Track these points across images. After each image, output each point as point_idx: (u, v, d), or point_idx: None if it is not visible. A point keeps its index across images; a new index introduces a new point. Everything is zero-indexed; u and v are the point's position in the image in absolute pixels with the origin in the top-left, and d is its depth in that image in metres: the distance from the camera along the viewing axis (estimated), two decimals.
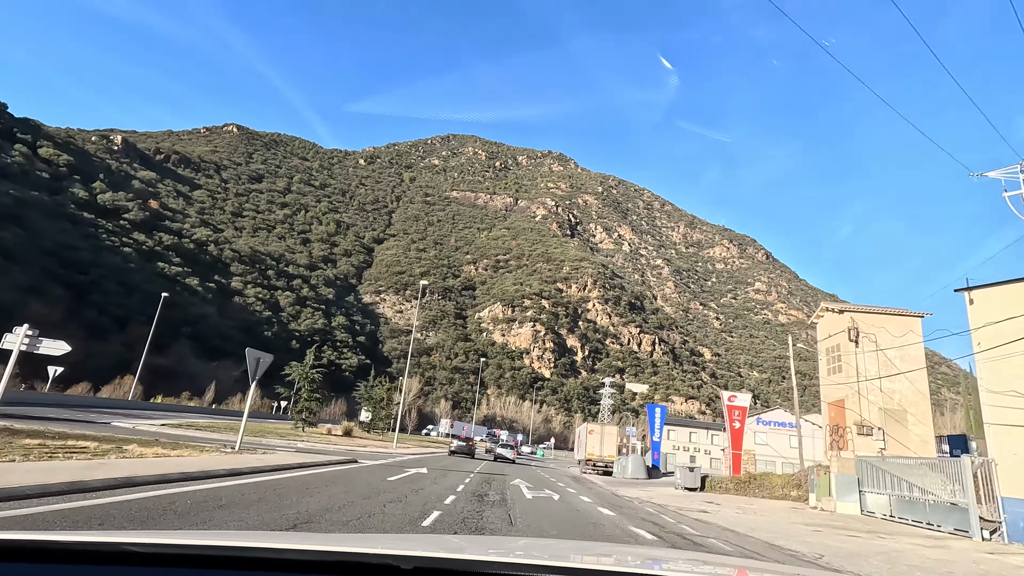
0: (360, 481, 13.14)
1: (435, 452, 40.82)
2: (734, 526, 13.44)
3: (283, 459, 15.17)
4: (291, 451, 20.00)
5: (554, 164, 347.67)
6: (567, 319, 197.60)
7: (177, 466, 10.97)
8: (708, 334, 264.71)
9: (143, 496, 7.80)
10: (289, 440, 26.88)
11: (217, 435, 23.92)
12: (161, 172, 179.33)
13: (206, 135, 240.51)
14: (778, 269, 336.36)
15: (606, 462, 37.86)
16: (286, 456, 16.53)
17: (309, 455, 18.53)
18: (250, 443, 20.91)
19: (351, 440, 36.25)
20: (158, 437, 19.15)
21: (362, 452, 25.26)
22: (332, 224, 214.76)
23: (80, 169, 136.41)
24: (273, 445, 21.92)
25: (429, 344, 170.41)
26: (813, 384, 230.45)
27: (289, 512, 7.90)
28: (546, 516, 11.56)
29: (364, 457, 22.28)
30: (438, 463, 24.81)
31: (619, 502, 18.24)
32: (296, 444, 24.46)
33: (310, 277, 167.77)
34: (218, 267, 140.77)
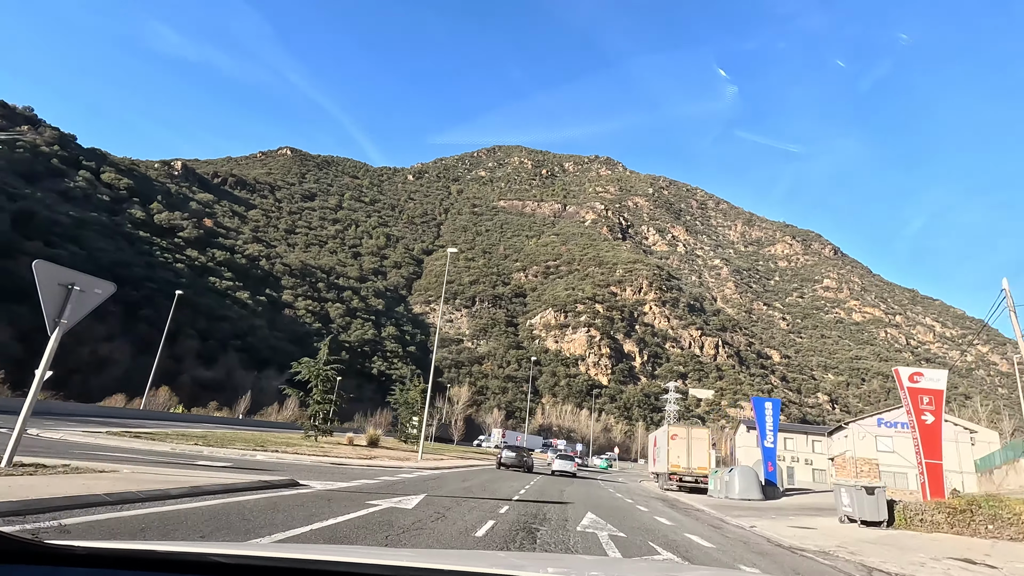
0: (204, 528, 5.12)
1: (475, 465, 32.41)
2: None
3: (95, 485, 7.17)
4: (182, 467, 12.07)
5: (602, 168, 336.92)
6: (623, 323, 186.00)
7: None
8: (775, 335, 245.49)
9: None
10: (268, 451, 19.12)
11: (142, 444, 16.39)
12: (218, 194, 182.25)
13: (262, 159, 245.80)
14: (848, 265, 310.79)
15: (696, 476, 28.32)
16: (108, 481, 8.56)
17: (211, 473, 10.52)
18: (163, 458, 13.15)
19: (370, 452, 28.35)
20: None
21: (349, 468, 17.16)
22: (382, 237, 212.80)
23: (140, 192, 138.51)
24: (177, 458, 14.11)
25: (480, 353, 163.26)
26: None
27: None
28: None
29: (346, 476, 14.20)
30: (461, 483, 16.44)
31: (779, 556, 9.36)
32: (256, 456, 16.60)
33: (360, 289, 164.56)
34: (269, 281, 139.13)
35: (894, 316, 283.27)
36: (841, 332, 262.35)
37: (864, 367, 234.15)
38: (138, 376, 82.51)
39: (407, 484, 14.17)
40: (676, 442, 29.13)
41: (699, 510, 19.37)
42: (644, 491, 29.12)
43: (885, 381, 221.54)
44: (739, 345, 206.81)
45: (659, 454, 32.68)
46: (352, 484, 12.36)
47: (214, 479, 9.45)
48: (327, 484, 11.74)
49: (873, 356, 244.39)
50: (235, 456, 15.85)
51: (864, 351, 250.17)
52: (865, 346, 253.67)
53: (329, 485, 11.62)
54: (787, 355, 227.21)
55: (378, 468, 19.28)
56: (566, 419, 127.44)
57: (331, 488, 11.13)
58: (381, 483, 13.47)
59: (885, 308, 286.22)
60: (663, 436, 31.10)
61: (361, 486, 12.18)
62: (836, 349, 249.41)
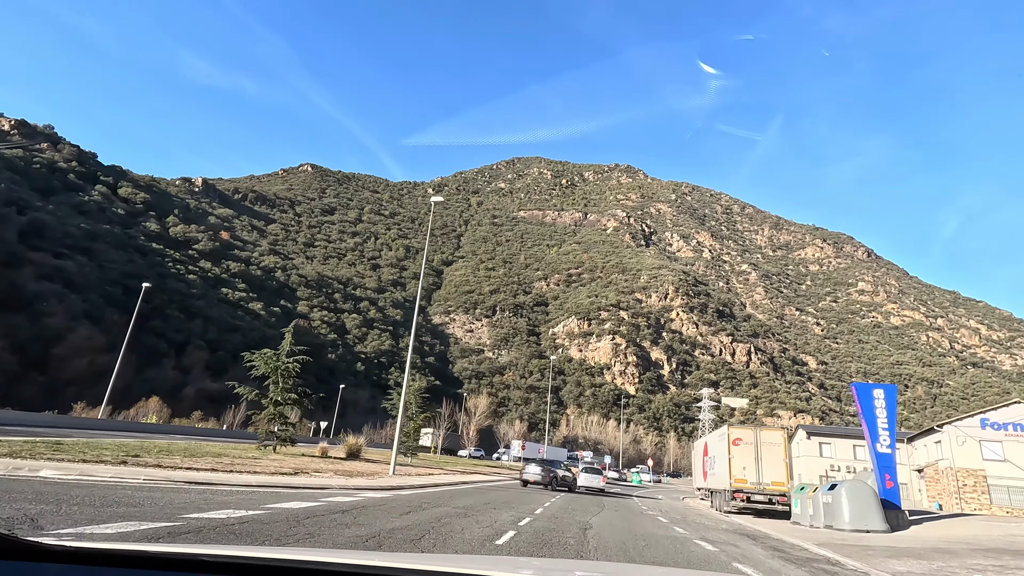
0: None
1: (476, 482, 25.19)
2: None
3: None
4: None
5: (622, 176, 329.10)
6: (649, 330, 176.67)
7: None
8: (809, 341, 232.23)
9: None
10: (144, 467, 12.30)
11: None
12: (238, 209, 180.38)
13: (283, 176, 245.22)
14: (883, 267, 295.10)
15: (770, 495, 20.63)
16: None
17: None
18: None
19: (337, 466, 21.47)
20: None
21: (239, 491, 10.32)
22: (401, 249, 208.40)
23: (157, 206, 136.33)
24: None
25: (502, 363, 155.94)
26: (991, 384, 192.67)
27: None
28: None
29: (200, 504, 7.22)
30: (408, 515, 9.20)
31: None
32: (96, 473, 9.78)
33: (378, 300, 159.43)
34: (284, 292, 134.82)
35: (935, 319, 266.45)
36: (880, 337, 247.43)
37: (907, 373, 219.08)
38: (140, 387, 78.02)
39: (290, 520, 7.20)
40: (741, 449, 21.54)
41: (803, 549, 11.95)
42: (698, 514, 21.53)
43: (931, 387, 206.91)
44: (772, 351, 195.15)
45: (713, 465, 25.02)
46: (145, 527, 5.49)
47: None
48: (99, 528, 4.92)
49: (916, 361, 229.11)
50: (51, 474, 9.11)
51: (906, 356, 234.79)
52: (906, 351, 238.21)
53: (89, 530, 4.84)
54: (824, 361, 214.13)
55: (309, 490, 12.35)
56: (592, 430, 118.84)
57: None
58: (235, 519, 6.56)
59: (925, 311, 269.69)
60: (719, 442, 23.48)
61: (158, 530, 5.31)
62: (875, 355, 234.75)
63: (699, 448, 31.18)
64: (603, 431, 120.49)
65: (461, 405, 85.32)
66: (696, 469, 32.78)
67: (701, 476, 29.66)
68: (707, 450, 27.14)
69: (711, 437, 26.85)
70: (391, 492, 14.41)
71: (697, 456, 31.41)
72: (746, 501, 20.87)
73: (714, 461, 24.57)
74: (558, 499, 19.71)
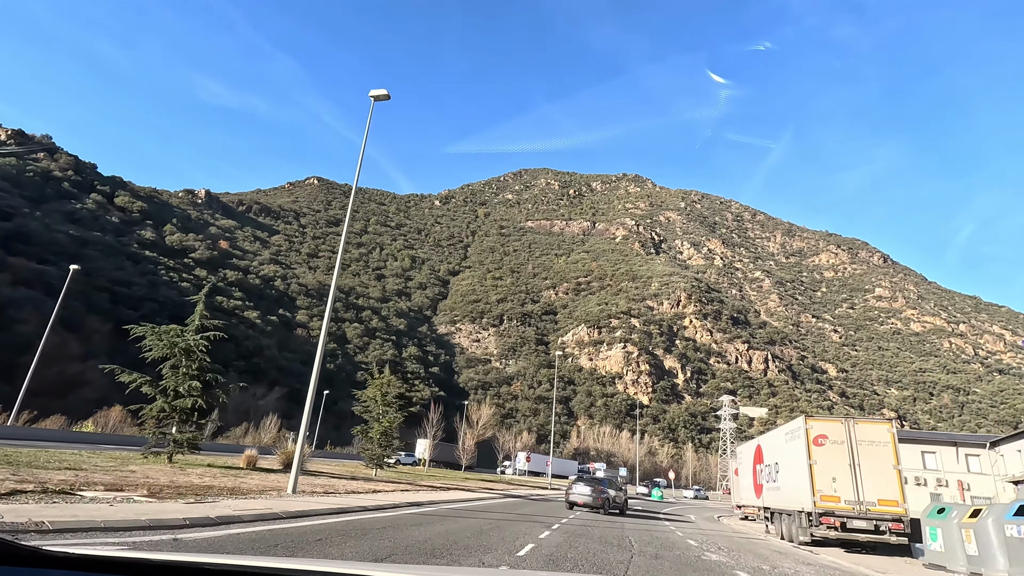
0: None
1: (453, 504, 18.10)
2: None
3: None
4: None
5: (630, 185, 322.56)
6: (662, 338, 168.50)
7: None
8: (827, 349, 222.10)
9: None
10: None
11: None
12: (241, 220, 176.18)
13: (289, 189, 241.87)
14: (900, 272, 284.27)
15: (877, 519, 13.40)
16: None
17: None
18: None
19: (219, 482, 14.47)
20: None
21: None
22: (407, 259, 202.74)
23: (154, 216, 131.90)
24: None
25: (509, 373, 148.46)
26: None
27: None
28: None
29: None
30: None
31: None
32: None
33: (381, 309, 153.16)
34: (284, 301, 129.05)
35: (957, 325, 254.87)
36: (900, 344, 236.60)
37: (930, 380, 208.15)
38: (117, 398, 71.73)
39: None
40: (826, 452, 14.39)
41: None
42: (765, 547, 14.29)
43: (956, 395, 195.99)
44: (790, 359, 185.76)
45: (774, 476, 17.82)
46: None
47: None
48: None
49: (939, 368, 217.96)
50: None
51: (928, 363, 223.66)
52: (929, 358, 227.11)
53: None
54: (844, 369, 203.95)
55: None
56: (604, 442, 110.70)
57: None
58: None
59: (946, 317, 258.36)
60: (790, 442, 16.28)
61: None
62: (897, 362, 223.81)
63: (746, 454, 23.85)
64: (616, 442, 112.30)
65: (463, 415, 78.03)
66: (741, 482, 25.43)
67: (751, 491, 22.32)
68: (761, 455, 19.91)
69: (771, 437, 19.62)
70: (220, 530, 7.48)
71: (745, 463, 24.06)
72: (840, 529, 13.65)
73: (777, 470, 17.41)
74: (555, 532, 12.62)
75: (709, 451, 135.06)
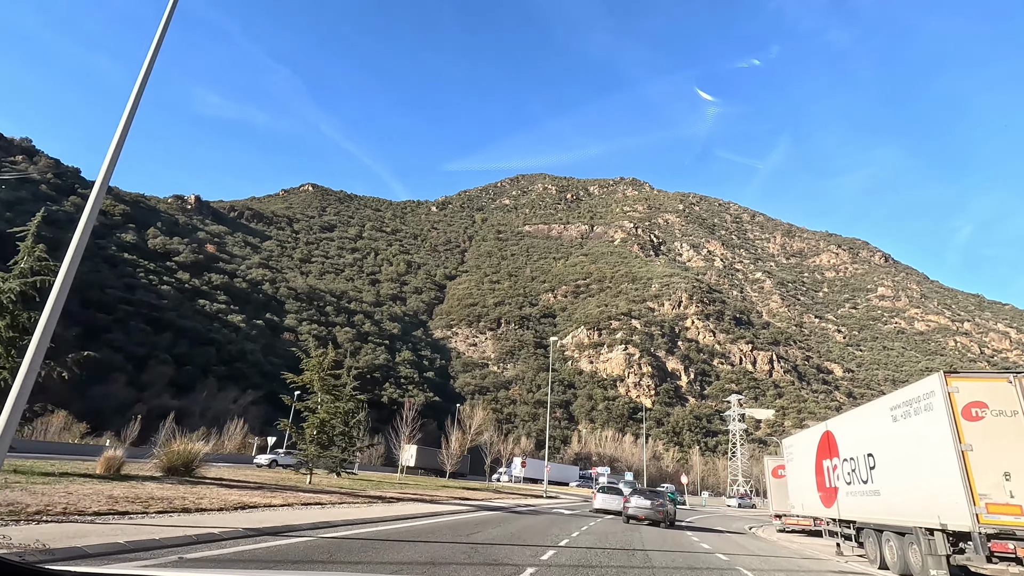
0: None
1: (382, 527, 12.05)
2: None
3: None
4: None
5: (628, 189, 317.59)
6: (664, 339, 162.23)
7: None
8: (831, 349, 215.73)
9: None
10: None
11: None
12: (232, 226, 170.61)
13: (283, 196, 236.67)
14: (902, 272, 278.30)
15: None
16: None
17: None
18: None
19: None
20: None
21: None
22: (402, 264, 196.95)
23: (139, 220, 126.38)
24: None
25: (507, 377, 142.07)
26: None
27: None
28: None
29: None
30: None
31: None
32: None
33: (374, 313, 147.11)
34: (272, 305, 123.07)
35: (962, 323, 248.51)
36: (905, 343, 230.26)
37: None
38: (78, 405, 65.56)
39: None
40: (988, 428, 8.39)
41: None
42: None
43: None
44: (795, 359, 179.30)
45: (858, 474, 11.77)
46: None
47: None
48: None
49: (946, 367, 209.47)
50: None
51: (935, 362, 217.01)
52: (935, 357, 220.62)
53: None
54: (849, 369, 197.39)
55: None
56: (606, 446, 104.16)
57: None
58: None
59: (950, 315, 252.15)
60: (895, 420, 10.33)
61: None
62: (903, 361, 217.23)
63: (801, 447, 17.64)
64: (619, 447, 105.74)
65: (454, 419, 71.65)
66: (792, 485, 19.22)
67: (812, 496, 16.12)
68: (833, 445, 13.84)
69: (856, 417, 13.37)
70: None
71: (799, 460, 17.85)
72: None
73: (872, 465, 11.43)
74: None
75: (716, 454, 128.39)
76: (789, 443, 19.23)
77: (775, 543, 17.84)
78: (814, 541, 19.52)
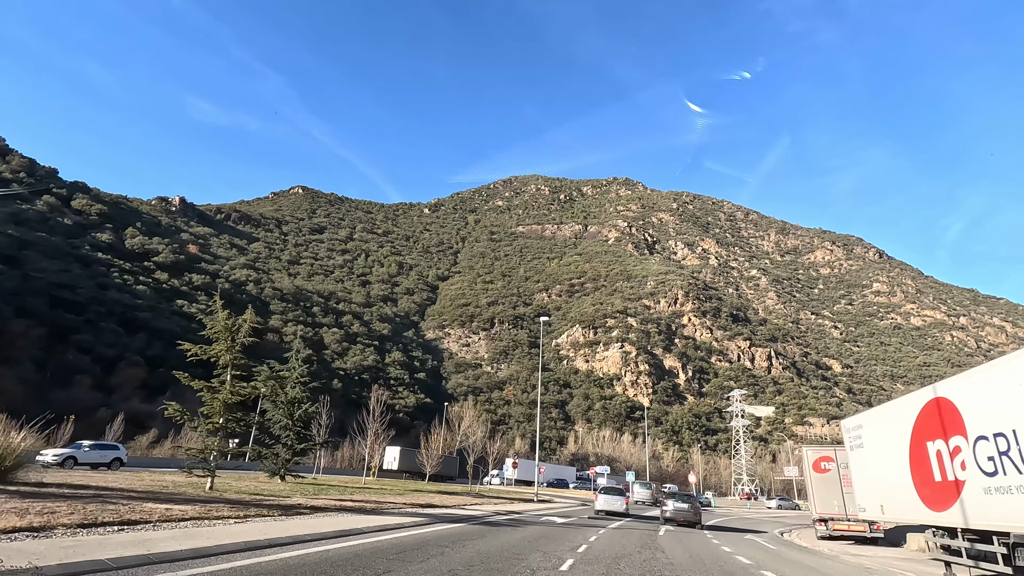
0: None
1: (257, 560, 7.06)
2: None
3: None
4: None
5: (621, 189, 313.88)
6: (660, 337, 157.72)
7: None
8: (829, 345, 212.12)
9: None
10: None
11: None
12: (219, 228, 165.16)
13: (273, 199, 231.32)
14: (896, 267, 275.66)
15: None
16: None
17: None
18: None
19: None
20: None
21: None
22: (394, 265, 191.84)
23: (118, 220, 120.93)
24: None
25: (501, 377, 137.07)
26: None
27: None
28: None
29: None
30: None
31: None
32: None
33: (363, 314, 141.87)
34: (256, 306, 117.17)
35: (958, 318, 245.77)
36: (902, 338, 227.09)
37: (937, 375, 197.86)
38: (37, 409, 60.20)
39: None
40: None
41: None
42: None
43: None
44: (793, 356, 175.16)
45: (1008, 459, 6.83)
46: None
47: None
48: None
49: (944, 362, 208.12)
50: None
51: (932, 357, 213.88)
52: (932, 352, 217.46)
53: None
54: (848, 365, 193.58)
55: None
56: (604, 446, 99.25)
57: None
58: None
59: (946, 310, 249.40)
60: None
61: None
62: (900, 357, 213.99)
63: (882, 424, 12.55)
64: (617, 446, 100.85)
65: (442, 418, 66.75)
66: (856, 480, 14.31)
67: (905, 493, 11.02)
68: (953, 419, 9.01)
69: (1000, 370, 8.39)
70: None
71: (869, 444, 12.90)
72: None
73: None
74: None
75: (716, 453, 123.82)
76: (855, 423, 14.49)
77: (829, 554, 13.13)
78: (878, 552, 14.83)
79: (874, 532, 15.86)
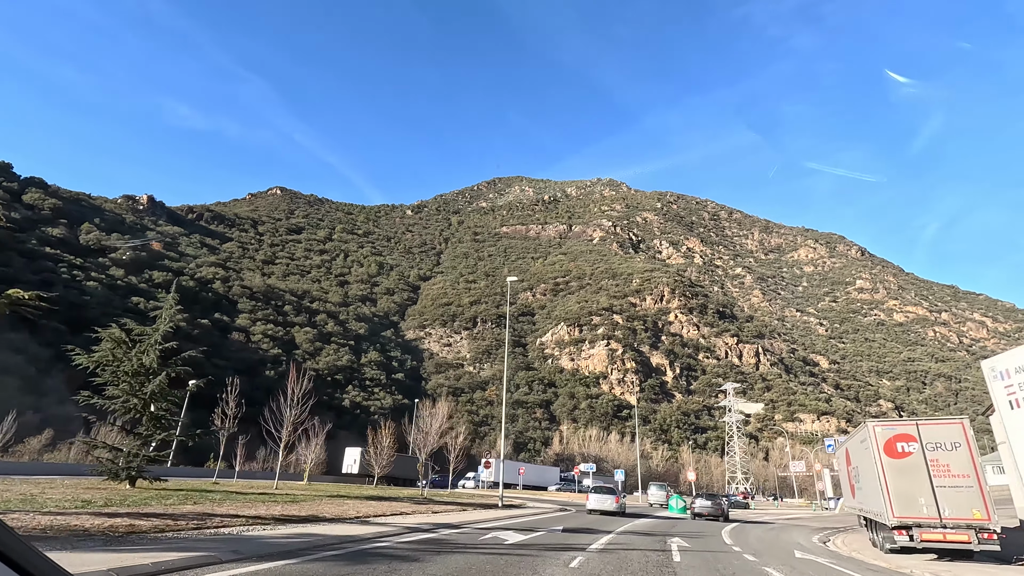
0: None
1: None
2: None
3: None
4: None
5: (605, 189, 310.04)
6: (647, 334, 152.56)
7: None
8: (815, 341, 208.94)
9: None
10: None
11: None
12: (190, 228, 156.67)
13: (250, 200, 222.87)
14: (878, 264, 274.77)
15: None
16: None
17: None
18: None
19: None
20: None
21: None
22: (374, 266, 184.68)
23: (74, 216, 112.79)
24: None
25: (484, 377, 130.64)
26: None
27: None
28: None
29: None
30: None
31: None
32: None
33: (339, 313, 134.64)
34: (222, 305, 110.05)
35: (940, 314, 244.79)
36: (886, 335, 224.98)
37: (920, 369, 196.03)
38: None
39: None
40: None
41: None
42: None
43: (949, 382, 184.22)
44: (781, 352, 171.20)
45: None
46: None
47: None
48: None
49: (927, 357, 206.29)
50: None
51: (916, 352, 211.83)
52: (915, 347, 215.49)
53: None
54: (835, 361, 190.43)
55: None
56: (591, 446, 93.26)
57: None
58: None
59: (928, 306, 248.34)
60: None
61: None
62: (885, 352, 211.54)
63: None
64: (604, 446, 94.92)
65: (411, 416, 60.34)
66: (1018, 448, 8.68)
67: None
68: None
69: None
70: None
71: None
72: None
73: None
74: None
75: (706, 451, 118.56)
76: (1018, 361, 8.75)
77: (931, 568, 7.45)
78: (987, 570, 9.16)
79: (984, 542, 10.29)
